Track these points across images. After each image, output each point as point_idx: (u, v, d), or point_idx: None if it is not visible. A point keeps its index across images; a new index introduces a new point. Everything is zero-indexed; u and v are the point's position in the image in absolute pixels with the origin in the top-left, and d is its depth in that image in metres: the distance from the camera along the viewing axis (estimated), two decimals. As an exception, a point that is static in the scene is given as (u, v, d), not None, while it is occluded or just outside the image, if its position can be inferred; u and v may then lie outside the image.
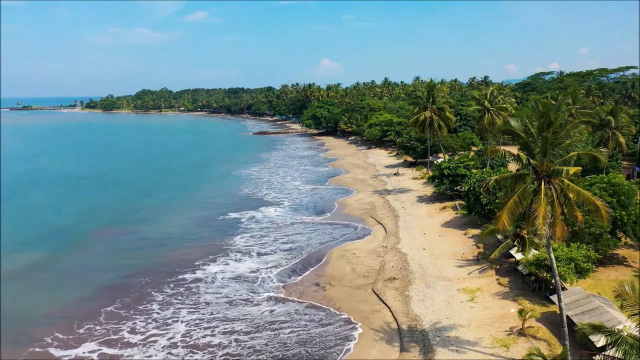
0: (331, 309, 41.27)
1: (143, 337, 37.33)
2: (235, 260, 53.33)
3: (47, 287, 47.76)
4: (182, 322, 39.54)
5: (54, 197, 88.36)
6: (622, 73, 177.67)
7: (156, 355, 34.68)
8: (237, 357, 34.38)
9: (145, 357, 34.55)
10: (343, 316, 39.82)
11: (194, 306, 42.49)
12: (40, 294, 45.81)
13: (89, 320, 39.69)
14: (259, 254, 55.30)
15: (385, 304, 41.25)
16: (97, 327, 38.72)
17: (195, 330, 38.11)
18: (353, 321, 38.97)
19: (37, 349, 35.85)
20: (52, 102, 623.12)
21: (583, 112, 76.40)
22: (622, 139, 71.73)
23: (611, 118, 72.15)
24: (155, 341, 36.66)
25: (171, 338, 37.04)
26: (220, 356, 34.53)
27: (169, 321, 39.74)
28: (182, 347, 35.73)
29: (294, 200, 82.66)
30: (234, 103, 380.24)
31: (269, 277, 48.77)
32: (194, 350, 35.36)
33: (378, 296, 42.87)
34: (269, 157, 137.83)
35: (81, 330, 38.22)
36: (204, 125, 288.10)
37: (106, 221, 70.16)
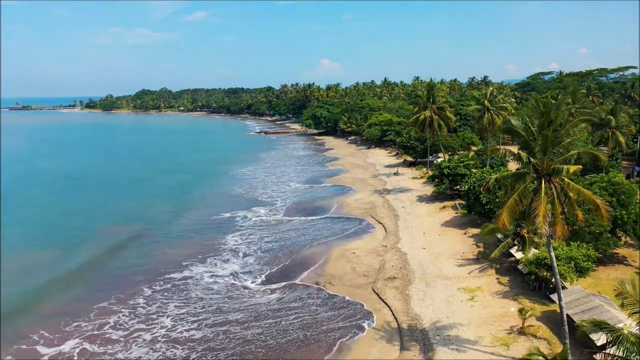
0: (347, 297, 42.86)
1: (127, 332, 37.89)
2: (223, 261, 53.28)
3: (45, 285, 47.81)
4: (168, 316, 39.77)
5: (54, 198, 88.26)
6: (621, 73, 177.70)
7: (138, 350, 35.22)
8: (218, 350, 34.91)
9: (128, 353, 34.99)
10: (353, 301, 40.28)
11: (184, 301, 43.15)
12: (37, 292, 46.02)
13: (78, 317, 40.20)
14: (255, 254, 55.32)
15: (386, 303, 41.26)
16: (84, 324, 39.22)
17: (193, 322, 38.37)
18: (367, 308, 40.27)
19: (23, 346, 36.31)
20: (52, 102, 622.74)
21: (583, 111, 76.42)
22: (621, 139, 71.83)
23: (611, 117, 72.26)
24: (139, 336, 36.96)
25: (154, 333, 37.38)
26: (200, 351, 34.99)
27: (158, 316, 40.17)
28: (174, 340, 36.05)
29: (294, 199, 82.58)
30: (234, 103, 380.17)
31: (265, 276, 48.86)
32: (186, 343, 35.84)
33: (378, 295, 42.87)
34: (269, 157, 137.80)
35: (67, 328, 38.60)
36: (205, 125, 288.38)
37: (106, 221, 69.99)
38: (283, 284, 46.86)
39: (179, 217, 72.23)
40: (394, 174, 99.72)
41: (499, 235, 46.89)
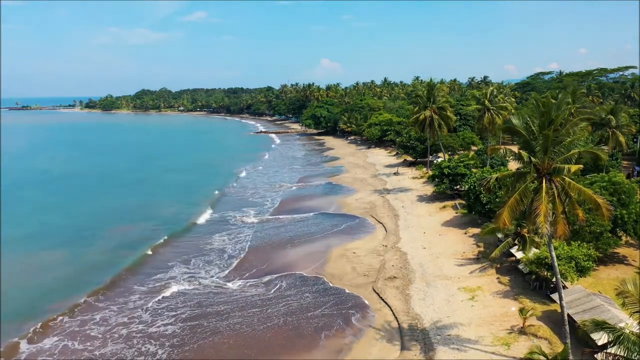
0: (346, 290, 43.90)
1: (108, 327, 38.59)
2: (206, 262, 53.12)
3: (36, 284, 48.29)
4: (146, 310, 40.07)
5: (55, 198, 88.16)
6: (621, 73, 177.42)
7: (114, 346, 35.91)
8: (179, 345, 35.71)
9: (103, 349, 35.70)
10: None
11: (169, 297, 44.13)
12: (27, 291, 46.43)
13: (62, 314, 40.83)
14: (248, 254, 55.37)
15: (386, 303, 41.24)
16: (67, 320, 39.87)
17: (170, 317, 38.53)
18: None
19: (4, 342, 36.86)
20: (51, 102, 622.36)
21: (583, 111, 76.44)
22: (622, 138, 71.81)
23: (611, 117, 72.25)
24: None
25: (130, 328, 37.64)
26: (168, 345, 35.66)
27: (139, 312, 41.22)
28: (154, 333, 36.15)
29: (293, 198, 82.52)
30: (234, 103, 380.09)
31: (256, 275, 49.03)
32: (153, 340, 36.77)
33: (378, 295, 42.85)
34: (269, 156, 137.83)
35: (51, 324, 39.21)
36: (204, 125, 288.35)
37: (107, 221, 69.90)
38: (276, 276, 47.82)
39: (171, 216, 72.32)
40: (394, 173, 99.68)
41: (500, 235, 46.88)
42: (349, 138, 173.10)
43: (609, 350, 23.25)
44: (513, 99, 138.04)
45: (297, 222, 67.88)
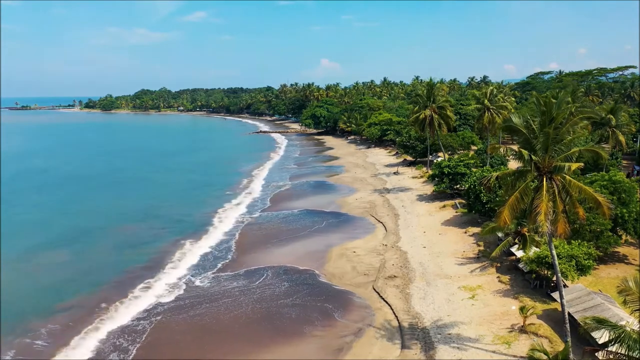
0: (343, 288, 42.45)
1: (91, 325, 39.22)
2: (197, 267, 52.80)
3: (46, 283, 48.28)
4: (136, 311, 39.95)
5: (57, 198, 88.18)
6: (621, 73, 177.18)
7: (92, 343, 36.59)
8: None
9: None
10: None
11: (157, 296, 44.82)
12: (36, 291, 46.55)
13: (50, 313, 41.21)
14: (244, 253, 55.37)
15: (386, 302, 41.21)
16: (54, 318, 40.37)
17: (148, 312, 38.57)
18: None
19: None
20: (51, 102, 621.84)
21: (583, 110, 76.38)
22: (622, 138, 71.82)
23: (611, 117, 72.26)
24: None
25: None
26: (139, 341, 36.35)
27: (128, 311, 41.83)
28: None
29: (292, 197, 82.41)
30: (233, 103, 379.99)
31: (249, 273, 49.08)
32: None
33: (379, 294, 42.83)
34: (268, 156, 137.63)
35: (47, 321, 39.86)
36: (205, 125, 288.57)
37: (109, 220, 70.03)
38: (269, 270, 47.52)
39: (163, 214, 72.70)
40: (394, 173, 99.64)
41: (500, 234, 46.87)
42: (349, 138, 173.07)
43: (609, 349, 23.21)
44: (513, 99, 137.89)
45: (296, 220, 67.83)
